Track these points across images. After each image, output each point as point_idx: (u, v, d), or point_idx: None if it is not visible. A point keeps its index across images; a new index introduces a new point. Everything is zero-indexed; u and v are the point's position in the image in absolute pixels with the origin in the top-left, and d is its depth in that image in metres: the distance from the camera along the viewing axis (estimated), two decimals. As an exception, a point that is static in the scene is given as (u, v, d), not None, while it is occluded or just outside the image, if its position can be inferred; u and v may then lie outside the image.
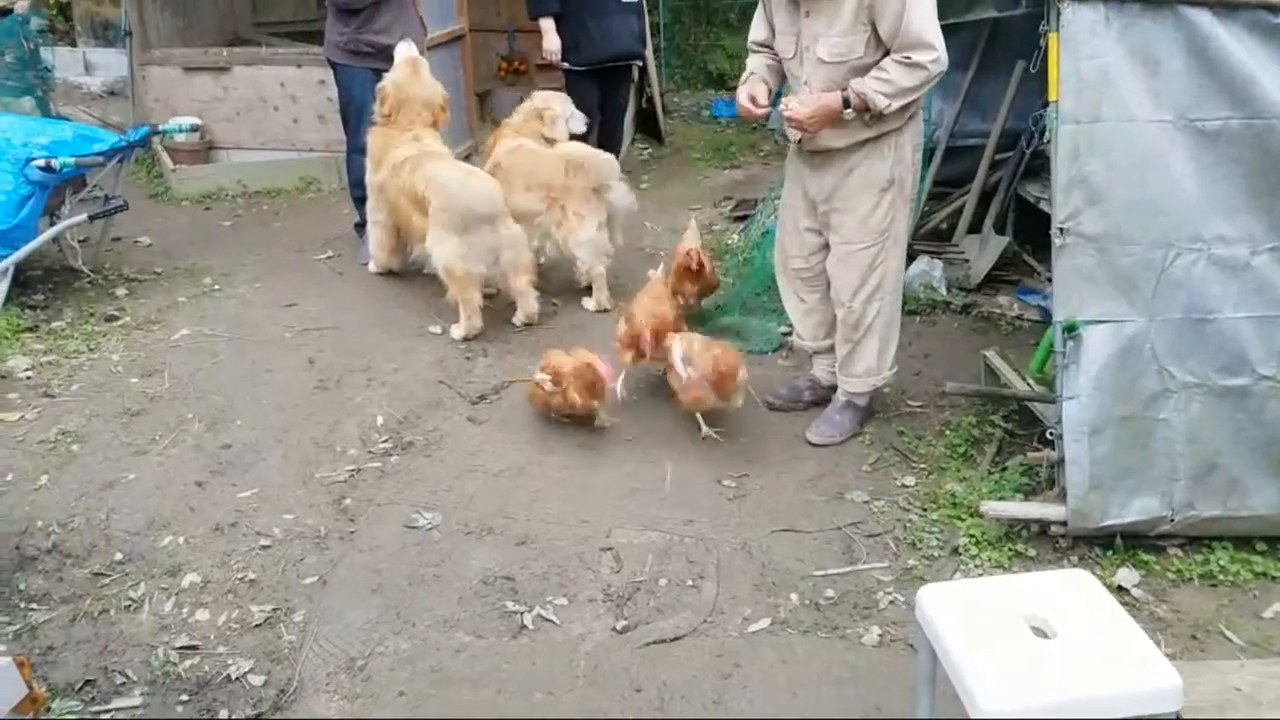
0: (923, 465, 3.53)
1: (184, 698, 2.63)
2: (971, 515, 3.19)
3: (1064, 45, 2.90)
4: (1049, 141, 2.99)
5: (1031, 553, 3.06)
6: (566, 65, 5.93)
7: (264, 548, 3.16)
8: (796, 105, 3.24)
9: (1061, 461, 3.02)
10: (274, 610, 2.91)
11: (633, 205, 5.13)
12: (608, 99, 6.14)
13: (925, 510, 3.27)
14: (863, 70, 3.18)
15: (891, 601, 2.90)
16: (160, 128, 5.13)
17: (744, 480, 3.48)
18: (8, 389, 4.02)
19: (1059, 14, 2.86)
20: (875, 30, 3.13)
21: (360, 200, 5.30)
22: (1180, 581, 2.97)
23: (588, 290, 4.91)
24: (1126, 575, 2.97)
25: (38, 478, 3.46)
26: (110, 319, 4.64)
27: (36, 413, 3.86)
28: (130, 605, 2.94)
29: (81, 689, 2.66)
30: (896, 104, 3.15)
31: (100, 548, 3.15)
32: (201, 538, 3.20)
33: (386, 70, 4.87)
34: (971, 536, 3.11)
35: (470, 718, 2.52)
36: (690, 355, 3.64)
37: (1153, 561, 3.01)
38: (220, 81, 6.97)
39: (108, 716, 2.58)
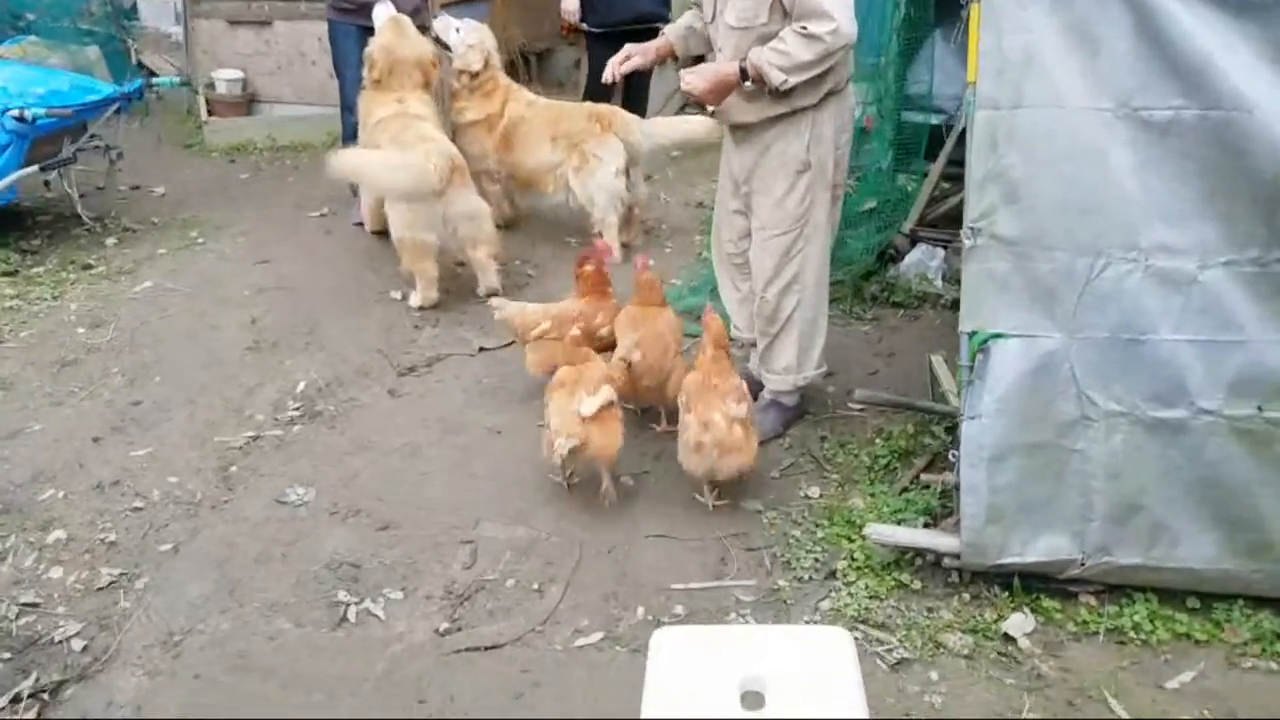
0: (835, 476, 3.23)
1: (6, 655, 2.63)
2: (862, 536, 2.89)
3: (985, 17, 2.53)
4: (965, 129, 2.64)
5: (917, 585, 2.75)
6: (585, 26, 5.70)
7: (135, 510, 3.14)
8: (693, 77, 2.96)
9: (958, 487, 2.69)
10: (121, 575, 2.89)
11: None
12: (629, 66, 5.86)
13: (816, 527, 2.99)
14: (768, 38, 2.88)
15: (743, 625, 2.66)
16: (153, 82, 5.18)
17: (642, 478, 3.27)
18: (-36, 333, 4.16)
19: (982, -21, 2.49)
20: None
21: (350, 159, 5.25)
22: (1083, 635, 2.60)
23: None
24: (1019, 622, 2.62)
25: (-45, 423, 3.56)
26: (86, 268, 4.74)
27: (-21, 358, 3.98)
28: (-5, 557, 2.97)
29: (-77, 638, 2.70)
30: (794, 79, 2.83)
31: (-16, 497, 3.20)
32: (80, 494, 3.21)
33: (369, 26, 4.76)
34: (853, 560, 2.82)
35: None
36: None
37: (1055, 609, 2.65)
38: (262, 35, 7.03)
39: (-70, 668, 2.60)
